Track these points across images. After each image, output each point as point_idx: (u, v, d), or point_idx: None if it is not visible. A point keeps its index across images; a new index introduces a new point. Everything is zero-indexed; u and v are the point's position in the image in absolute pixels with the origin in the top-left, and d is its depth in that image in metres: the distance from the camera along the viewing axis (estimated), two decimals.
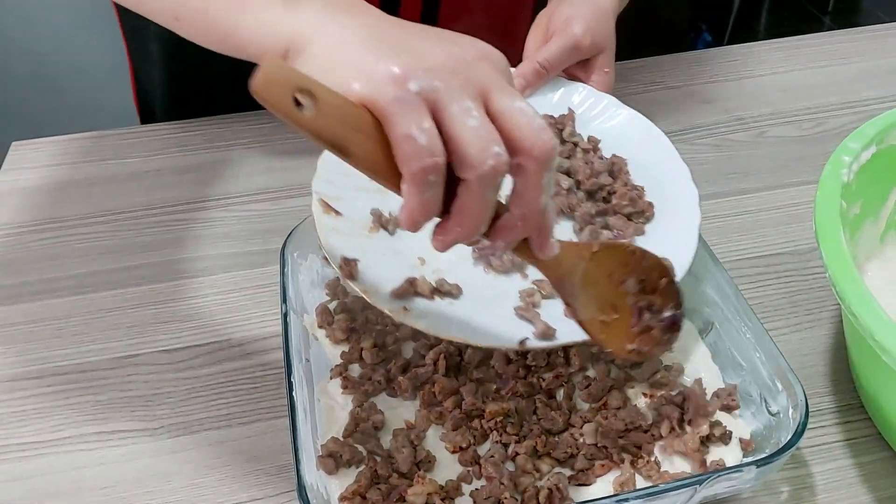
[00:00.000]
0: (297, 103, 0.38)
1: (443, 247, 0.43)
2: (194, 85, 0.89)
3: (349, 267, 0.55)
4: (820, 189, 0.54)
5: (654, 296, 0.50)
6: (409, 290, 0.55)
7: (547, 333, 0.53)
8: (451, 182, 0.41)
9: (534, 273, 0.58)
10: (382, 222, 0.61)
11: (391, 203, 0.61)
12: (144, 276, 0.70)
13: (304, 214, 0.64)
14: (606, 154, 0.68)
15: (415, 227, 0.41)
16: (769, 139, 0.83)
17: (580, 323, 0.50)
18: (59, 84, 1.59)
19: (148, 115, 0.94)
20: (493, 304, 0.56)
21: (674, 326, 0.51)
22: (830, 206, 0.53)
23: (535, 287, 0.58)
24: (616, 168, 0.66)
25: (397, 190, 0.41)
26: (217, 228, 0.74)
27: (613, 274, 0.49)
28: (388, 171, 0.41)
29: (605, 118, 0.70)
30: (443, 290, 0.56)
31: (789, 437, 0.48)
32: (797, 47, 0.96)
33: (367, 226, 0.60)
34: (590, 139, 0.69)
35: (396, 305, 0.54)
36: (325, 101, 0.39)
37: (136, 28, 0.90)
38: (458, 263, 0.59)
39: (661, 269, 0.50)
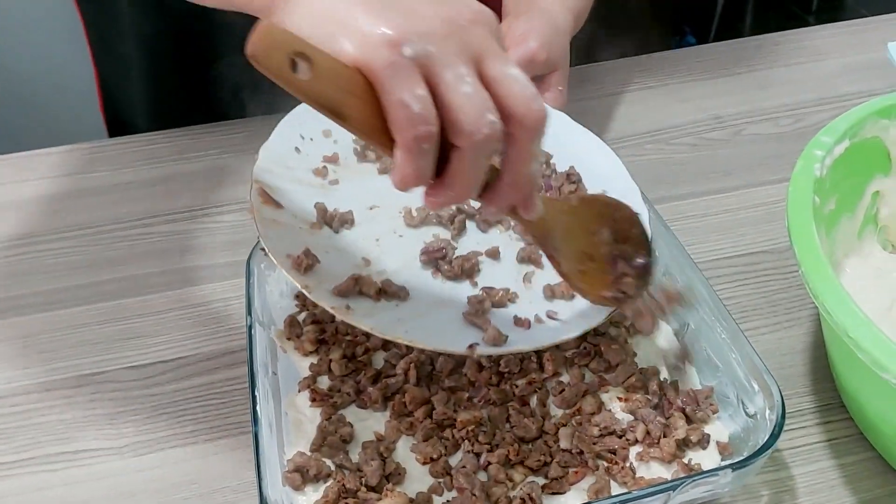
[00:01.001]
0: (293, 66, 0.38)
1: (434, 207, 0.44)
2: (176, 91, 0.88)
3: (308, 260, 0.53)
4: (792, 185, 0.53)
5: (627, 245, 0.54)
6: (354, 287, 0.53)
7: (497, 340, 0.52)
8: (445, 146, 0.41)
9: (483, 280, 0.58)
10: (327, 219, 0.58)
11: (333, 198, 0.59)
12: (112, 291, 0.68)
13: None
14: (560, 168, 0.66)
15: (406, 189, 0.42)
16: (746, 137, 0.82)
17: (563, 275, 0.54)
18: (25, 99, 1.55)
19: (118, 126, 0.93)
20: (440, 309, 0.55)
21: (646, 270, 0.55)
22: (803, 202, 0.52)
23: (485, 294, 0.56)
24: (574, 178, 0.64)
25: (391, 154, 0.41)
26: (186, 241, 0.73)
27: (590, 226, 0.54)
28: (382, 136, 0.41)
29: (558, 134, 0.68)
30: (389, 292, 0.54)
31: (766, 438, 0.47)
32: (776, 44, 0.95)
33: (308, 221, 0.58)
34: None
35: (339, 303, 0.52)
36: (320, 65, 0.39)
37: (106, 36, 0.89)
38: (406, 267, 0.57)
39: (632, 218, 0.55)
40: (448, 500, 0.50)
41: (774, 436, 0.47)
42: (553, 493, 0.50)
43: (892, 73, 0.87)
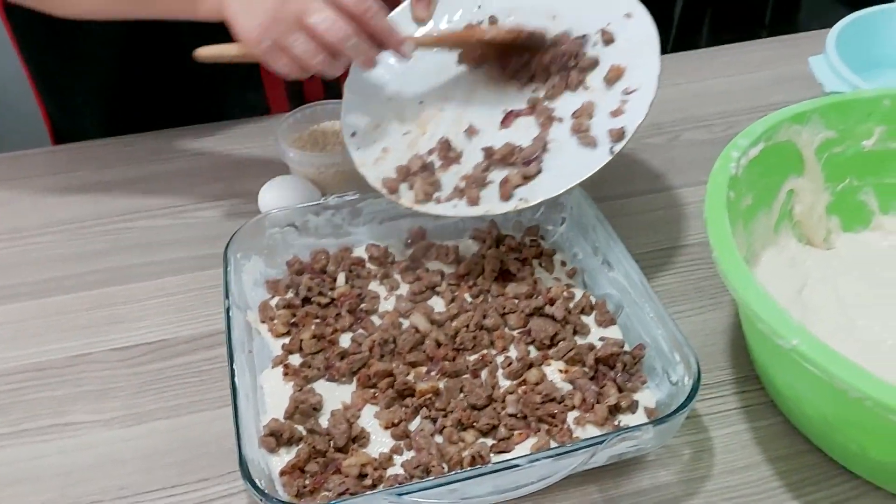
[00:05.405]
0: None
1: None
2: (138, 100, 0.93)
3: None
4: (710, 181, 0.61)
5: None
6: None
7: (620, 134, 0.65)
8: None
9: (564, 113, 0.69)
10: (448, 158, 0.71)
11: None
12: (97, 280, 0.74)
13: (248, 219, 0.69)
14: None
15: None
16: (682, 142, 0.89)
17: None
18: None
19: (64, 134, 0.96)
20: (563, 153, 0.67)
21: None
22: (718, 196, 0.59)
23: (576, 120, 0.68)
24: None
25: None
26: (165, 235, 0.78)
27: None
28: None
29: None
30: (531, 176, 0.67)
31: (683, 399, 0.54)
32: (712, 57, 1.04)
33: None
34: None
35: (515, 203, 0.66)
36: None
37: (47, 50, 0.92)
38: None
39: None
40: (407, 459, 0.56)
41: (690, 397, 0.54)
42: (500, 452, 0.57)
43: (816, 84, 0.95)
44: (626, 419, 0.58)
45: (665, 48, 0.69)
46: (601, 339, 0.64)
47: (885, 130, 0.68)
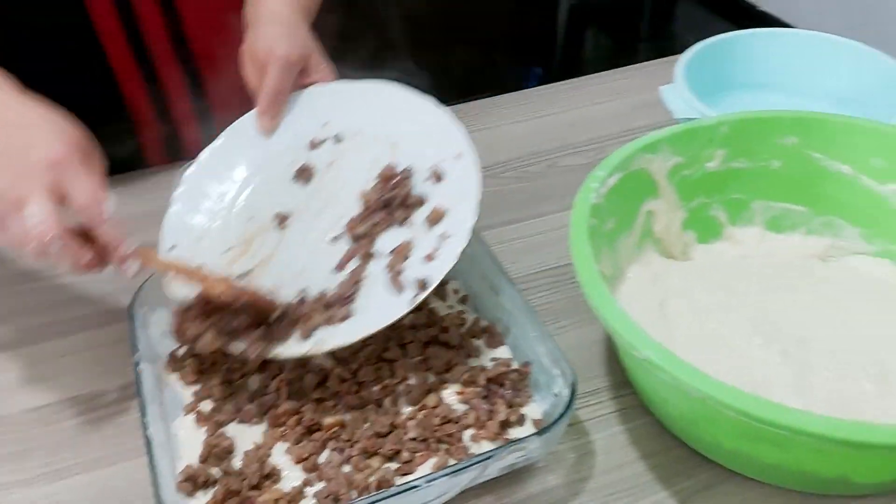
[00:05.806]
0: None
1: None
2: None
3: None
4: (573, 212, 0.68)
5: None
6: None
7: (424, 285, 0.66)
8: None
9: (383, 248, 0.71)
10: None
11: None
12: (6, 342, 0.76)
13: (150, 271, 0.72)
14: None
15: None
16: (559, 168, 0.97)
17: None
18: None
19: None
20: (371, 296, 0.68)
21: None
22: (581, 225, 0.66)
23: (392, 257, 0.69)
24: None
25: None
26: (69, 293, 0.81)
27: None
28: None
29: (361, 98, 0.79)
30: (337, 316, 0.67)
31: (562, 410, 0.60)
32: (584, 87, 1.12)
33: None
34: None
35: (310, 344, 0.66)
36: None
37: None
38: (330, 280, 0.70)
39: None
40: (318, 490, 0.61)
41: (568, 407, 0.60)
42: (404, 474, 0.62)
43: None
44: (515, 432, 0.64)
45: (552, 60, 0.74)
46: (492, 359, 0.70)
47: (725, 153, 0.77)
